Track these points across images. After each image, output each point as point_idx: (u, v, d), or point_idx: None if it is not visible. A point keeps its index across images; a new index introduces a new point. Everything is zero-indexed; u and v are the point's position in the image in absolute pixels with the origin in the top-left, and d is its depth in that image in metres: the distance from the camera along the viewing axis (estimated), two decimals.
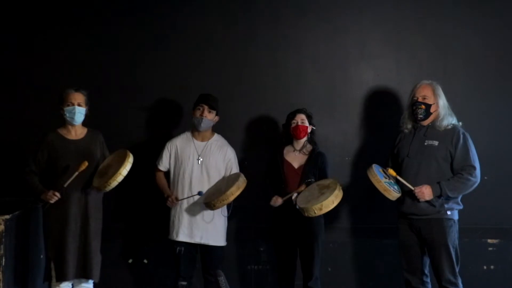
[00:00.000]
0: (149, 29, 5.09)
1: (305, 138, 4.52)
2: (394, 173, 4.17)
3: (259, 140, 5.05)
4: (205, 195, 4.39)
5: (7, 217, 4.16)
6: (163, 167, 4.56)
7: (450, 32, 5.06)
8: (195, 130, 4.53)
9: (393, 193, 4.10)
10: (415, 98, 4.25)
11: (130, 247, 5.05)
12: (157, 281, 5.01)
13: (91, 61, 5.05)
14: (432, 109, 4.22)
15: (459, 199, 4.21)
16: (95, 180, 4.20)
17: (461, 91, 4.97)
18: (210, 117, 4.46)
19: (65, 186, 4.17)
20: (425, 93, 4.23)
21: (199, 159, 4.46)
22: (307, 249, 4.43)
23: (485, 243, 5.00)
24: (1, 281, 4.10)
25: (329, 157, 4.59)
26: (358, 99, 5.06)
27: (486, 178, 4.65)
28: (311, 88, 5.09)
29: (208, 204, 4.29)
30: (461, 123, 4.29)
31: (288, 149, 4.58)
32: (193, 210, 4.42)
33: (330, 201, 4.05)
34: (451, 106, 4.29)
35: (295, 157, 4.52)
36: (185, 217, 4.42)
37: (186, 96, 4.91)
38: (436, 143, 4.17)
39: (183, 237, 4.41)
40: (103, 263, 4.37)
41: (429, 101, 4.22)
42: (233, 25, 5.10)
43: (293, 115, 4.53)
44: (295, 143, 4.55)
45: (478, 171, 4.14)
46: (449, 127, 4.20)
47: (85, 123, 4.39)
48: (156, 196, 4.83)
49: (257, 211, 4.91)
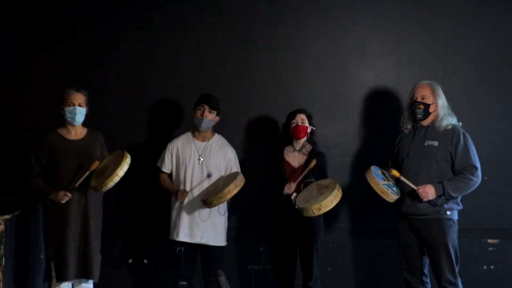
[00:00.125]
0: (149, 29, 5.09)
1: (305, 138, 4.52)
2: (397, 173, 4.15)
3: (259, 140, 5.05)
4: (203, 193, 4.39)
5: (7, 217, 4.16)
6: (167, 168, 4.55)
7: (450, 32, 5.06)
8: (195, 130, 4.52)
9: (391, 196, 4.09)
10: (414, 98, 4.25)
11: (130, 247, 5.05)
12: (157, 281, 5.01)
13: (91, 61, 5.05)
14: (431, 109, 4.22)
15: (458, 199, 4.20)
16: (92, 180, 4.20)
17: (461, 91, 4.97)
18: (210, 117, 4.46)
19: (76, 186, 4.18)
20: (424, 93, 4.23)
21: (200, 159, 4.45)
22: (307, 249, 4.42)
23: (485, 243, 5.00)
24: (1, 281, 4.10)
25: (329, 157, 4.59)
26: (358, 99, 5.06)
27: (486, 178, 4.63)
28: (311, 88, 5.09)
29: (205, 201, 4.28)
30: (461, 123, 4.29)
31: (288, 149, 4.58)
32: (193, 210, 4.42)
33: (329, 201, 4.05)
34: (451, 106, 4.28)
35: (295, 157, 4.52)
36: (186, 217, 4.42)
37: (186, 96, 4.91)
38: (436, 143, 4.17)
39: (183, 237, 4.41)
40: (103, 263, 4.37)
41: (428, 101, 4.22)
42: (233, 25, 5.10)
43: (293, 115, 4.53)
44: (295, 143, 4.55)
45: (479, 171, 4.14)
46: (449, 128, 4.20)
47: (85, 123, 4.39)
48: (156, 196, 4.84)
49: (257, 211, 4.92)
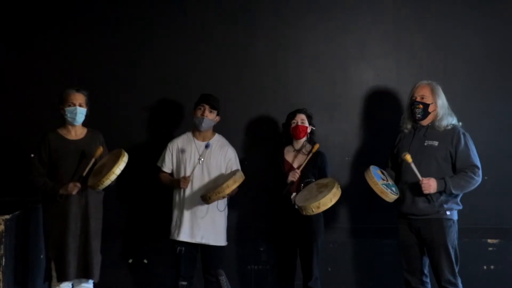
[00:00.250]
0: (149, 29, 5.09)
1: (305, 138, 4.52)
2: (410, 159, 4.08)
3: (259, 140, 5.05)
4: (203, 189, 4.39)
5: (7, 217, 4.16)
6: (167, 168, 4.55)
7: (450, 32, 5.06)
8: (196, 130, 4.53)
9: (390, 195, 4.09)
10: (414, 97, 4.25)
11: (130, 247, 5.05)
12: (157, 281, 5.01)
13: (91, 61, 5.05)
14: (430, 109, 4.22)
15: (458, 199, 4.20)
16: (89, 179, 4.19)
17: (461, 91, 4.97)
18: (211, 117, 4.46)
19: (84, 175, 4.17)
20: (424, 93, 4.23)
21: (200, 159, 4.45)
22: (307, 249, 4.42)
23: (485, 243, 5.00)
24: (1, 281, 4.10)
25: (329, 157, 4.59)
26: (358, 99, 5.06)
27: (486, 178, 4.63)
28: (311, 88, 5.08)
29: (204, 197, 4.27)
30: (461, 123, 4.29)
31: (288, 149, 4.58)
32: (194, 209, 4.42)
33: (328, 199, 4.05)
34: (451, 106, 4.28)
35: (295, 157, 4.52)
36: (186, 217, 4.42)
37: (186, 96, 4.91)
38: (436, 143, 4.17)
39: (184, 237, 4.41)
40: (103, 263, 4.36)
41: (427, 100, 4.22)
42: (233, 25, 5.10)
43: (293, 115, 4.53)
44: (295, 143, 4.55)
45: (480, 171, 4.14)
46: (449, 127, 4.20)
47: (85, 123, 4.38)
48: (156, 196, 4.85)
49: (257, 211, 4.92)
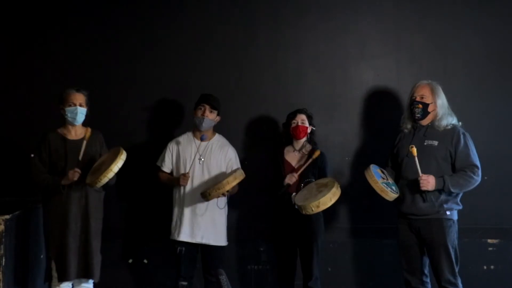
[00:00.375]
0: (149, 29, 5.09)
1: (305, 138, 4.52)
2: (415, 152, 4.05)
3: (259, 140, 5.05)
4: (203, 187, 4.38)
5: (7, 217, 4.16)
6: (167, 168, 4.55)
7: (450, 32, 5.06)
8: (196, 130, 4.52)
9: (390, 194, 4.09)
10: (413, 97, 4.26)
11: (130, 247, 5.05)
12: (157, 281, 5.01)
13: (91, 61, 5.05)
14: (429, 109, 4.22)
15: (458, 199, 4.21)
16: (88, 177, 4.19)
17: (461, 91, 4.97)
18: (211, 117, 4.46)
19: (80, 159, 4.18)
20: (423, 93, 4.23)
21: (201, 159, 4.45)
22: (307, 249, 4.42)
23: (485, 243, 5.00)
24: (1, 281, 4.10)
25: (329, 157, 4.59)
26: (358, 99, 5.05)
27: (486, 178, 4.64)
28: (311, 88, 5.08)
29: (203, 193, 4.27)
30: (461, 123, 4.29)
31: (288, 149, 4.58)
32: (194, 209, 4.42)
33: (327, 198, 4.05)
34: (451, 106, 4.29)
35: (295, 157, 4.52)
36: (187, 217, 4.42)
37: (186, 96, 4.91)
38: (435, 143, 4.17)
39: (184, 237, 4.41)
40: (103, 263, 4.37)
41: (427, 100, 4.22)
42: (233, 25, 5.10)
43: (293, 115, 4.53)
44: (295, 143, 4.55)
45: (480, 171, 4.15)
46: (449, 127, 4.20)
47: (85, 123, 4.38)
48: (156, 196, 4.85)
49: (257, 211, 4.92)
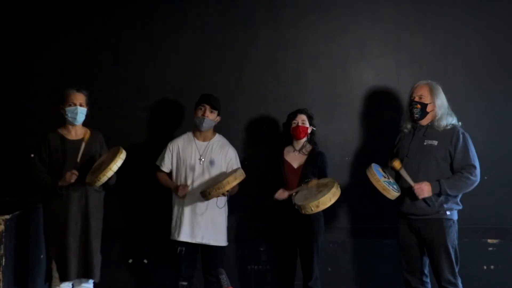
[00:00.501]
0: (149, 29, 5.08)
1: (305, 138, 4.52)
2: (399, 165, 4.14)
3: (259, 140, 5.05)
4: (203, 186, 4.38)
5: (7, 217, 4.16)
6: (166, 168, 4.55)
7: (450, 32, 5.06)
8: (196, 130, 4.52)
9: (392, 192, 4.10)
10: (412, 97, 4.27)
11: (130, 247, 5.05)
12: (157, 281, 5.01)
13: (91, 61, 5.04)
14: (428, 109, 4.22)
15: (458, 199, 4.21)
16: (87, 176, 4.19)
17: (461, 91, 4.97)
18: (211, 117, 4.46)
19: (79, 161, 4.17)
20: (422, 93, 4.24)
21: (201, 159, 4.45)
22: (307, 249, 4.42)
23: (485, 243, 5.00)
24: (1, 281, 4.10)
25: (329, 157, 4.59)
26: (358, 99, 5.05)
27: (486, 178, 4.65)
28: (311, 88, 5.08)
29: (203, 193, 4.26)
30: (460, 123, 4.29)
31: (288, 149, 4.58)
32: (194, 209, 4.42)
33: (327, 198, 4.04)
34: (451, 106, 4.29)
35: (295, 157, 4.52)
36: (187, 217, 4.42)
37: (186, 96, 4.91)
38: (435, 143, 4.17)
39: (184, 237, 4.41)
40: (103, 263, 4.36)
41: (425, 100, 4.22)
42: (233, 25, 5.10)
43: (294, 115, 4.53)
44: (295, 143, 4.55)
45: (478, 171, 4.14)
46: (449, 127, 4.20)
47: (85, 123, 4.38)
48: (156, 196, 4.84)
49: (257, 211, 4.92)
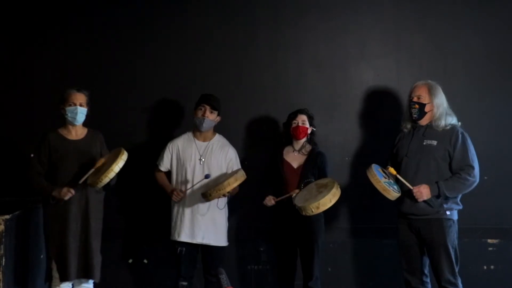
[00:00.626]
0: (149, 29, 5.08)
1: (305, 139, 4.52)
2: (394, 171, 4.18)
3: (259, 140, 5.05)
4: (204, 188, 4.39)
5: (7, 217, 4.16)
6: (164, 167, 4.56)
7: (450, 32, 5.06)
8: (196, 130, 4.52)
9: (392, 193, 4.10)
10: (411, 97, 4.28)
11: (130, 247, 5.05)
12: (157, 281, 5.01)
13: (91, 61, 5.04)
14: (426, 109, 4.23)
15: (458, 199, 4.21)
16: (89, 177, 4.20)
17: (461, 91, 4.97)
18: (212, 117, 4.46)
19: (80, 183, 4.17)
20: (420, 93, 4.25)
21: (201, 159, 4.45)
22: (307, 249, 4.42)
23: (485, 243, 5.00)
24: (1, 281, 4.09)
25: (329, 157, 4.59)
26: (358, 99, 5.05)
27: (486, 178, 4.65)
28: (311, 88, 5.08)
29: (204, 194, 4.27)
30: (460, 123, 4.29)
31: (287, 149, 4.58)
32: (194, 209, 4.42)
33: (327, 199, 4.05)
34: (451, 106, 4.29)
35: (295, 157, 4.52)
36: (187, 217, 4.42)
37: (186, 96, 4.91)
38: (434, 142, 4.17)
39: (184, 237, 4.41)
40: (103, 263, 4.36)
41: (424, 100, 4.23)
42: (233, 25, 5.10)
43: (294, 115, 4.53)
44: (295, 143, 4.55)
45: (476, 171, 4.14)
46: (448, 127, 4.20)
47: (85, 123, 4.38)
48: (156, 196, 4.84)
49: (257, 211, 4.90)
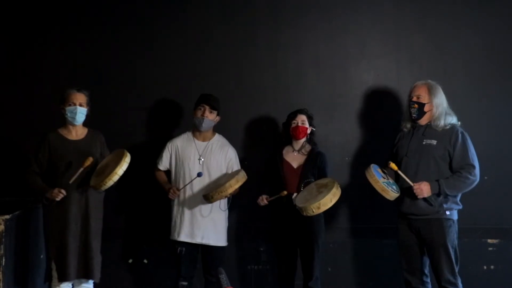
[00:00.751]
0: (149, 29, 5.09)
1: (304, 139, 4.52)
2: (395, 167, 4.16)
3: (259, 140, 5.05)
4: (205, 189, 4.39)
5: (7, 217, 4.16)
6: (163, 166, 4.56)
7: (450, 32, 5.06)
8: (196, 130, 4.52)
9: (391, 193, 4.10)
10: (410, 97, 4.29)
11: (130, 247, 5.05)
12: (157, 281, 5.01)
13: (91, 61, 5.05)
14: (426, 108, 4.23)
15: (458, 199, 4.21)
16: (92, 179, 4.20)
17: (461, 91, 4.97)
18: (211, 117, 4.46)
19: (71, 183, 4.17)
20: (419, 93, 4.25)
21: (201, 159, 4.45)
22: (307, 249, 4.42)
23: (485, 243, 5.00)
24: (1, 281, 4.10)
25: (329, 157, 4.59)
26: (358, 99, 5.05)
27: (486, 178, 4.65)
28: (311, 88, 5.08)
29: (206, 196, 4.27)
30: (460, 123, 4.29)
31: (287, 149, 4.58)
32: (194, 208, 4.42)
33: (328, 199, 4.05)
34: (451, 106, 4.29)
35: (294, 157, 4.52)
36: (187, 217, 4.42)
37: (186, 96, 4.91)
38: (434, 142, 4.17)
39: (184, 237, 4.41)
40: (103, 263, 4.37)
41: (423, 100, 4.23)
42: (233, 25, 5.10)
43: (294, 115, 4.53)
44: (294, 143, 4.55)
45: (477, 170, 4.14)
46: (448, 127, 4.21)
47: (85, 123, 4.39)
48: (156, 196, 4.84)
49: (257, 211, 4.90)
